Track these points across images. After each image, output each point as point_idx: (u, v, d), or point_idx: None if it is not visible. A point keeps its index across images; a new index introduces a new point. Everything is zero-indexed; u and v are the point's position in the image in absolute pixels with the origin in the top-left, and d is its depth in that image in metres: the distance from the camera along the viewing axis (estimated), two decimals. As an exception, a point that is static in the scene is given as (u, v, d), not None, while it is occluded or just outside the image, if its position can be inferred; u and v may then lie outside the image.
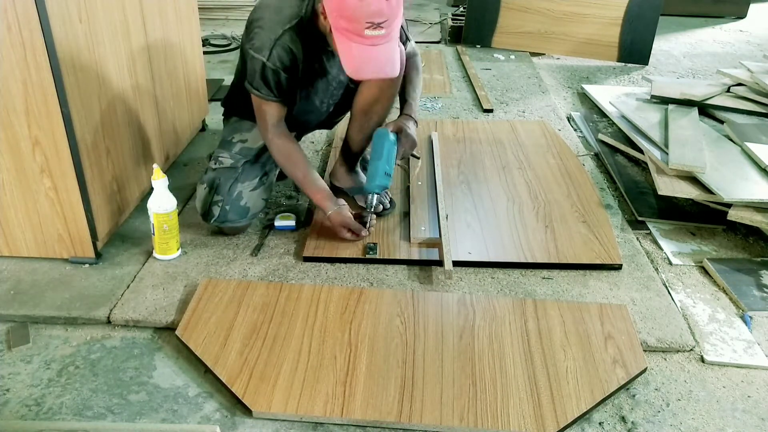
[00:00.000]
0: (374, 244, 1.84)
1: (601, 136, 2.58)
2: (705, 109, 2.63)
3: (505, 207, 2.05)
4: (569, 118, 2.88)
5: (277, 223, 1.94)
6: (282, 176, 2.11)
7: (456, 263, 1.78)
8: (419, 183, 2.16)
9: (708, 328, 1.59)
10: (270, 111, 1.76)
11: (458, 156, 2.40)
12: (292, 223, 1.93)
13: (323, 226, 1.89)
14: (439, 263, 1.78)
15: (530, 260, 1.79)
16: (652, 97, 2.72)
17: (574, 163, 2.35)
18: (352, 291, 1.65)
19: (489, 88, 3.21)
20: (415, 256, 1.80)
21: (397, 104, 1.98)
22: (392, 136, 1.85)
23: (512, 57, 3.72)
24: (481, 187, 2.18)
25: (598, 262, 1.79)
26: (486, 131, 2.63)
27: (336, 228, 1.82)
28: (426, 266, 1.79)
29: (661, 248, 1.92)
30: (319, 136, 2.56)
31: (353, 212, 1.86)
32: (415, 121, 1.94)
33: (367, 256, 1.79)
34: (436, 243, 1.84)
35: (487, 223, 1.96)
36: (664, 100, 2.67)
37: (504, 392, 1.35)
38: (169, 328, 1.55)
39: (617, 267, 1.78)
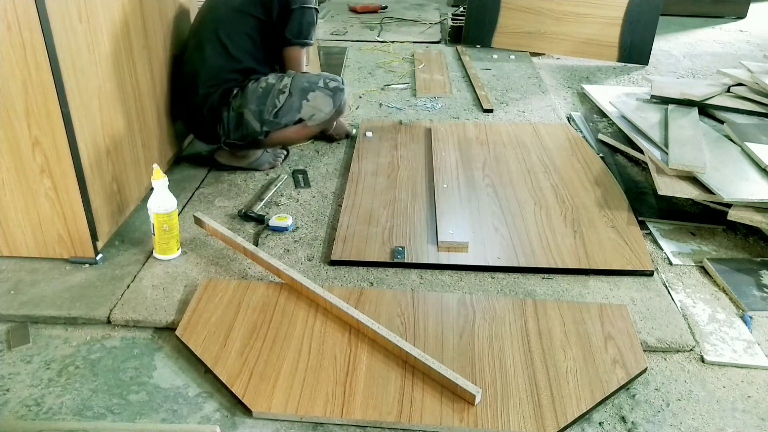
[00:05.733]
0: (402, 248, 1.83)
1: (601, 136, 2.58)
2: (705, 109, 2.62)
3: (533, 211, 2.03)
4: (569, 118, 2.88)
5: (272, 223, 1.94)
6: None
7: (486, 268, 1.77)
8: (444, 186, 2.14)
9: (708, 328, 1.59)
10: (305, 55, 2.24)
11: (482, 159, 2.39)
12: (288, 223, 1.93)
13: (349, 231, 1.90)
14: (468, 268, 1.77)
15: (561, 266, 1.77)
16: (652, 97, 2.71)
17: (599, 166, 2.33)
18: (352, 291, 1.65)
19: (489, 88, 3.21)
20: (444, 261, 1.79)
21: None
22: None
23: (512, 57, 3.72)
24: (507, 190, 2.16)
25: (629, 268, 1.76)
26: (509, 134, 2.62)
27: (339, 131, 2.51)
28: (452, 270, 1.77)
29: (661, 248, 1.92)
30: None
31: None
32: None
33: (395, 260, 1.79)
34: (463, 247, 1.83)
35: (515, 228, 1.94)
36: (664, 100, 2.66)
37: (504, 392, 1.35)
38: (169, 328, 1.55)
39: (649, 273, 1.76)
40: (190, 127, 2.29)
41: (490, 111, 2.90)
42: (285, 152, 2.39)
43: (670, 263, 1.85)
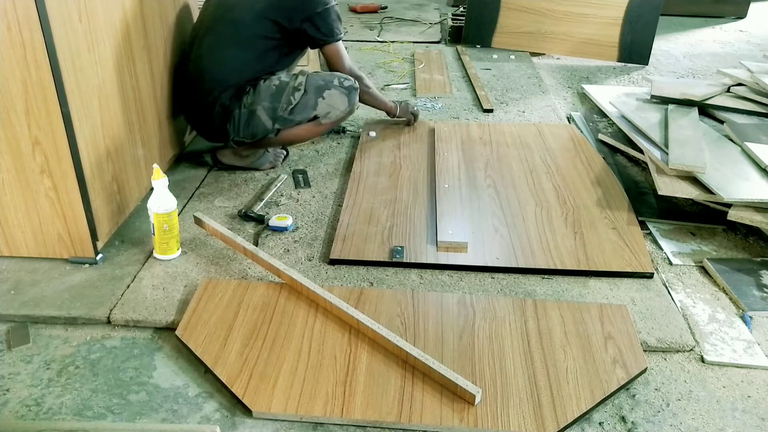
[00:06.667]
0: (401, 247, 1.83)
1: (601, 136, 2.58)
2: (705, 109, 2.62)
3: (533, 212, 2.03)
4: (569, 118, 2.88)
5: (272, 223, 1.94)
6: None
7: (485, 269, 1.77)
8: (446, 186, 2.14)
9: (708, 328, 1.59)
10: (343, 46, 2.29)
11: (485, 159, 2.39)
12: (288, 223, 1.93)
13: (349, 230, 1.90)
14: (467, 268, 1.77)
15: (560, 267, 1.76)
16: (652, 97, 2.71)
17: (602, 168, 2.33)
18: (352, 291, 1.65)
19: (489, 88, 3.21)
20: (443, 261, 1.79)
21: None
22: None
23: (512, 57, 3.72)
24: (508, 191, 2.16)
25: (629, 270, 1.76)
26: (512, 134, 2.61)
27: (406, 116, 2.64)
28: (452, 270, 1.77)
29: (661, 248, 1.92)
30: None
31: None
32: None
33: (394, 260, 1.78)
34: (463, 247, 1.83)
35: (515, 229, 1.94)
36: (664, 100, 2.66)
37: (504, 392, 1.35)
38: (169, 328, 1.55)
39: (649, 275, 1.76)
40: (196, 125, 2.29)
41: (490, 111, 2.90)
42: (285, 152, 2.39)
43: (670, 263, 1.85)
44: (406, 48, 3.88)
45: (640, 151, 2.33)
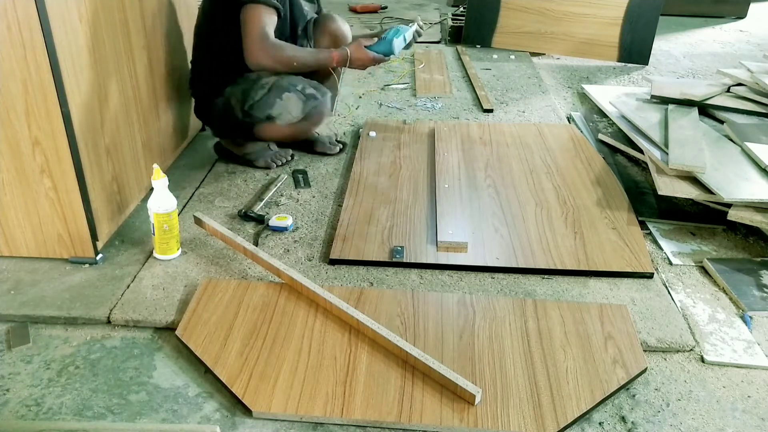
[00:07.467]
0: (401, 247, 1.83)
1: (601, 136, 2.58)
2: (705, 109, 2.62)
3: (533, 212, 2.03)
4: (569, 118, 2.88)
5: (272, 223, 1.94)
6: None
7: (485, 269, 1.77)
8: (446, 186, 2.14)
9: (708, 328, 1.59)
10: (269, 20, 2.03)
11: (485, 159, 2.39)
12: (288, 223, 1.93)
13: (349, 230, 1.90)
14: (467, 268, 1.77)
15: (560, 267, 1.76)
16: (652, 97, 2.71)
17: (602, 168, 2.32)
18: (352, 291, 1.65)
19: (489, 88, 3.21)
20: (443, 261, 1.79)
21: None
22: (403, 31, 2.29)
23: (512, 57, 3.72)
24: (508, 191, 2.16)
25: (628, 270, 1.76)
26: (512, 134, 2.61)
27: (364, 61, 2.19)
28: (452, 270, 1.77)
29: (661, 248, 1.92)
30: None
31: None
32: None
33: (394, 260, 1.78)
34: (462, 247, 1.83)
35: (515, 229, 1.93)
36: (664, 100, 2.66)
37: (504, 392, 1.35)
38: (169, 328, 1.55)
39: (649, 275, 1.76)
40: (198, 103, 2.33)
41: (490, 111, 2.90)
42: (290, 156, 2.37)
43: (670, 263, 1.85)
44: (406, 48, 3.88)
45: (640, 151, 2.33)
